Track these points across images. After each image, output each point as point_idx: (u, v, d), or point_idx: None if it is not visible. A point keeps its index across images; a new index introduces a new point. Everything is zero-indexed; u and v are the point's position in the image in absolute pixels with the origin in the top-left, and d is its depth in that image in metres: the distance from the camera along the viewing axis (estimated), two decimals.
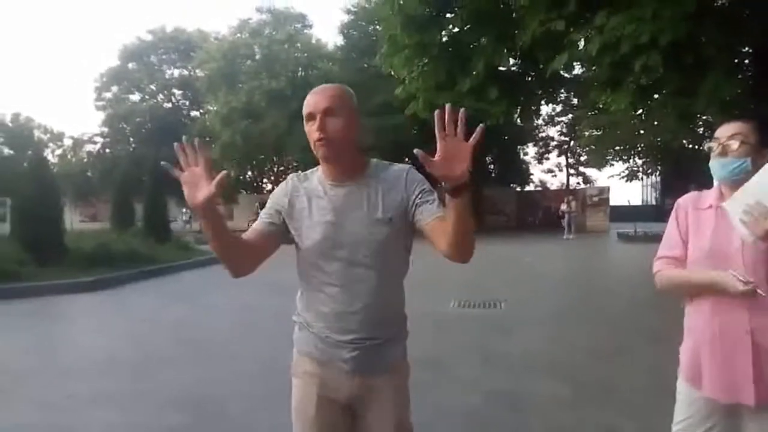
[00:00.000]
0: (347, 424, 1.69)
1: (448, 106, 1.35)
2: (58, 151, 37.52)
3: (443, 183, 1.40)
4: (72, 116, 67.42)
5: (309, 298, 1.68)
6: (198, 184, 1.45)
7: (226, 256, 1.59)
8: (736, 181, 1.74)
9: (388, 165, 1.70)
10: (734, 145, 1.72)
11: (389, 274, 1.65)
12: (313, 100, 1.59)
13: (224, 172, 1.44)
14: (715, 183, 1.85)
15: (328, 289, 1.62)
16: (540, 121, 31.39)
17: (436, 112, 1.35)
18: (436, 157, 1.35)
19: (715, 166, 1.77)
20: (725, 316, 1.66)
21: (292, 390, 1.74)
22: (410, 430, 1.71)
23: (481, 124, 1.34)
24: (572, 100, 24.93)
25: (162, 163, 1.57)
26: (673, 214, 1.86)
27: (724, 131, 1.78)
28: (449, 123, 1.34)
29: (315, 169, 1.74)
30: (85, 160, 34.31)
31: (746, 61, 8.27)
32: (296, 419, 1.72)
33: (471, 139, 1.33)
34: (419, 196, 1.62)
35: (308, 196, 1.67)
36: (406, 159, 16.89)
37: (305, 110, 1.60)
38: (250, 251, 1.64)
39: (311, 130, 1.58)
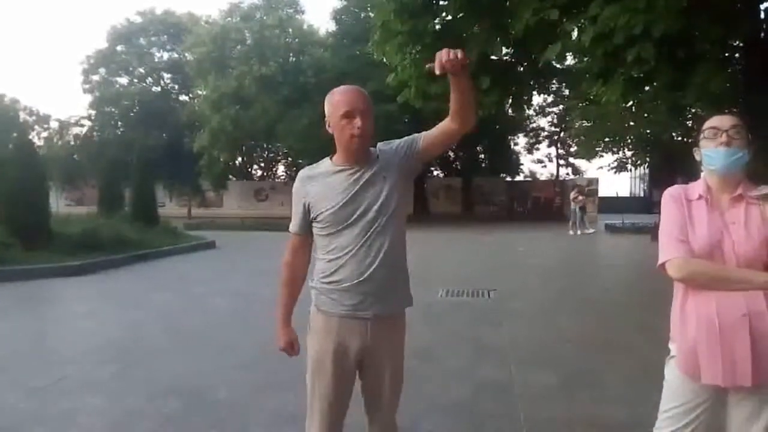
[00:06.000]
0: (355, 371, 2.06)
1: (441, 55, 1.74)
2: (44, 134, 36.84)
3: (448, 73, 1.79)
4: (59, 99, 66.20)
5: (333, 262, 1.98)
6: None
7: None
8: (733, 171, 1.76)
9: (388, 143, 2.06)
10: (737, 135, 1.75)
11: (398, 236, 2.02)
12: (351, 99, 1.92)
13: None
14: (703, 174, 1.85)
15: (351, 251, 1.94)
16: (531, 112, 31.46)
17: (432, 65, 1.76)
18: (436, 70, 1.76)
19: (718, 154, 1.76)
20: (722, 301, 1.67)
21: (309, 344, 2.07)
22: (402, 374, 2.12)
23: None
24: (563, 91, 24.97)
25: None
26: (669, 201, 1.82)
27: (724, 122, 1.77)
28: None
29: (321, 161, 2.07)
30: (72, 143, 33.71)
31: (736, 55, 8.30)
32: (315, 370, 2.04)
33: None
34: (406, 144, 2.03)
35: (322, 180, 2.01)
36: None
37: (343, 107, 1.91)
38: (306, 266, 2.13)
39: (349, 126, 1.91)
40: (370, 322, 1.98)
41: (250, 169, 37.79)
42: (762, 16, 7.28)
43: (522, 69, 8.67)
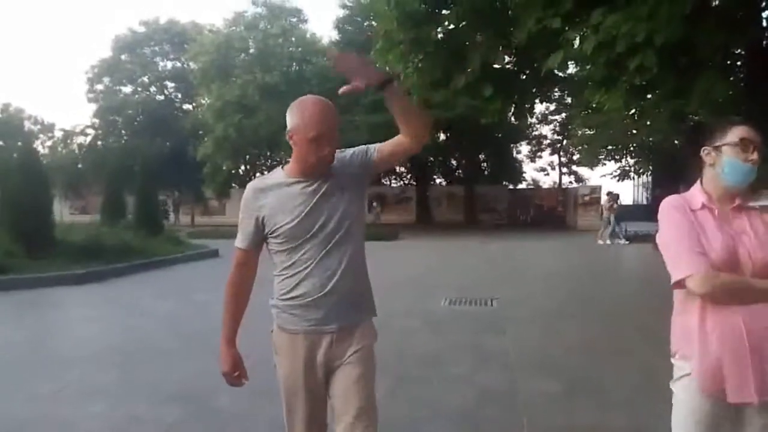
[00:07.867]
0: (326, 385, 1.98)
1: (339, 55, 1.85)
2: (49, 143, 37.12)
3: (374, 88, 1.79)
4: (63, 108, 66.74)
5: (293, 278, 1.92)
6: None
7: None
8: (744, 186, 1.70)
9: (341, 152, 1.96)
10: (758, 150, 1.66)
11: (358, 246, 1.98)
12: (322, 121, 1.82)
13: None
14: (703, 185, 1.73)
15: (311, 265, 1.89)
16: (533, 120, 31.52)
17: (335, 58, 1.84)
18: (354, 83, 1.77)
19: (744, 170, 1.65)
20: (747, 314, 1.58)
21: (277, 365, 2.03)
22: (374, 401, 1.96)
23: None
24: (566, 99, 25.02)
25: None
26: (672, 211, 1.70)
27: (750, 134, 1.67)
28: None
29: (272, 172, 2.01)
30: (76, 152, 33.91)
31: (739, 63, 8.31)
32: (288, 390, 1.99)
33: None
34: (361, 155, 1.97)
35: (277, 192, 1.92)
36: None
37: (313, 131, 1.80)
38: (251, 282, 2.07)
39: (316, 150, 1.83)
40: (335, 335, 1.93)
41: (253, 178, 37.80)
42: (764, 23, 7.30)
43: (524, 77, 8.69)
